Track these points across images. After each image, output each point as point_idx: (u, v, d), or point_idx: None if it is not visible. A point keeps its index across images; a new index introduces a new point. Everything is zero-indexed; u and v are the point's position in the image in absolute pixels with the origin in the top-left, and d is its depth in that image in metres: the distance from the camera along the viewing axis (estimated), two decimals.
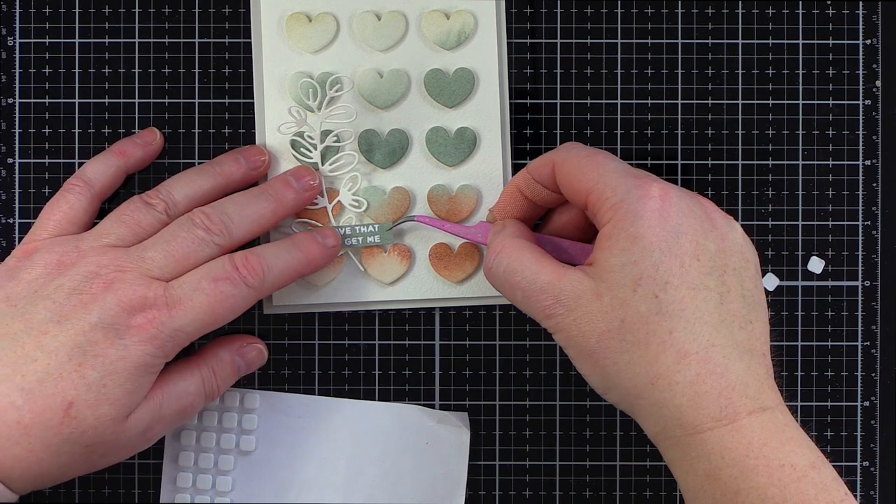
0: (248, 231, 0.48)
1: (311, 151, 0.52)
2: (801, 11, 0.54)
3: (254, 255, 0.47)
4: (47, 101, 0.54)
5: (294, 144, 0.53)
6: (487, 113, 0.53)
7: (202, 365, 0.49)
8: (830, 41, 0.54)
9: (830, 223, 0.54)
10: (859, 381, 0.54)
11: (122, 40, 0.54)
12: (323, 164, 0.52)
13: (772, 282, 0.54)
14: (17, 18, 0.54)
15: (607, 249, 0.42)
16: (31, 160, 0.54)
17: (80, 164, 0.54)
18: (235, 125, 0.54)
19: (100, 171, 0.51)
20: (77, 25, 0.54)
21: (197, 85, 0.54)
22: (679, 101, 0.54)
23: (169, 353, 0.45)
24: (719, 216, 0.44)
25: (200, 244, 0.46)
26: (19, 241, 0.54)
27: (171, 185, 0.50)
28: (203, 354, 0.50)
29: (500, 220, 0.49)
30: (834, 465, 0.54)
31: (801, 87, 0.54)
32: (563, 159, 0.46)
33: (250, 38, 0.54)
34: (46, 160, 0.54)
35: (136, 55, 0.54)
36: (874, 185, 0.54)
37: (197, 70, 0.54)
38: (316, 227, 0.51)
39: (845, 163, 0.54)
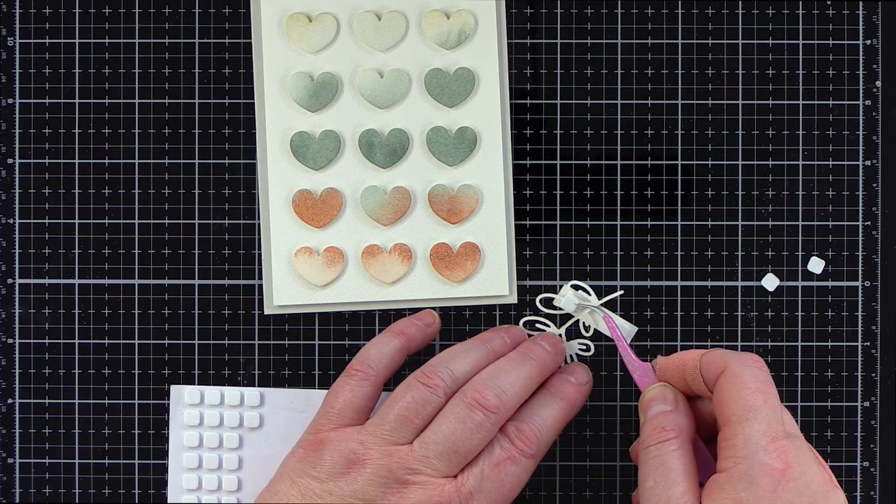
0: (519, 400, 0.48)
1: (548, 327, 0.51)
2: (801, 11, 0.54)
3: (524, 424, 0.47)
4: (47, 101, 0.54)
5: (295, 150, 0.53)
6: (488, 113, 0.53)
7: None
8: (830, 41, 0.54)
9: (830, 223, 0.54)
10: (859, 381, 0.54)
11: (122, 40, 0.54)
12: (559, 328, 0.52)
13: (772, 282, 0.54)
14: (17, 18, 0.54)
15: (714, 503, 0.41)
16: (31, 160, 0.54)
17: (80, 165, 0.54)
18: (235, 125, 0.54)
19: (383, 353, 0.49)
20: (77, 25, 0.54)
21: (197, 85, 0.54)
22: (679, 101, 0.54)
23: None
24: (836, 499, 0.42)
25: (479, 430, 0.46)
26: (19, 242, 0.54)
27: (449, 363, 0.48)
28: None
29: (670, 391, 0.46)
30: (834, 466, 0.55)
31: (801, 87, 0.54)
32: (732, 376, 0.43)
33: (250, 38, 0.54)
34: (46, 160, 0.54)
35: (136, 55, 0.54)
36: (874, 185, 0.54)
37: (197, 70, 0.54)
38: (564, 366, 0.50)
39: (845, 163, 0.54)
